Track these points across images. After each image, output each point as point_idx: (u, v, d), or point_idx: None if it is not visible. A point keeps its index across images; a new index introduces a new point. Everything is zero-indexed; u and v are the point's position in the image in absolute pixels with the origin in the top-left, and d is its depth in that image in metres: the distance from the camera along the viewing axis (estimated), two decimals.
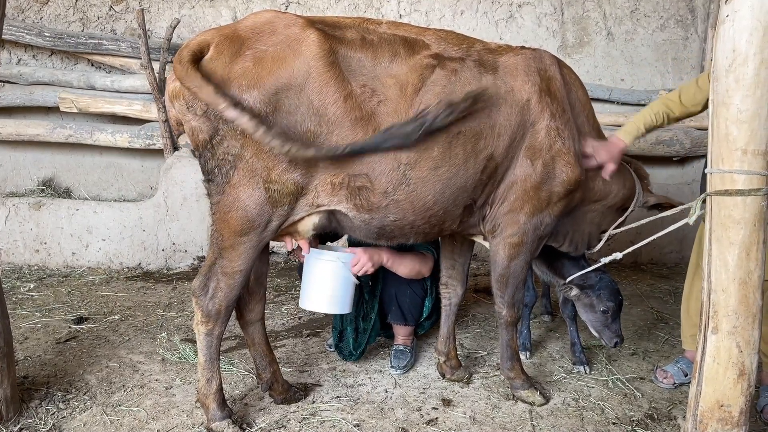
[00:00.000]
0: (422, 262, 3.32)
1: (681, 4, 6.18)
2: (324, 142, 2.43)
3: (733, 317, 2.20)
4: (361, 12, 6.10)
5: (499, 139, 2.71)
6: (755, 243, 2.16)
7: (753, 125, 2.10)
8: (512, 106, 2.72)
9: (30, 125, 5.73)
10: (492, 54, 2.80)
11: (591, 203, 3.19)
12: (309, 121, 2.40)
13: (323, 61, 2.39)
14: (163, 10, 6.04)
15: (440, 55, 2.64)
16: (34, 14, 5.95)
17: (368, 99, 2.47)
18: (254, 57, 2.36)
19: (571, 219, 3.17)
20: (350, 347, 3.44)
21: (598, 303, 3.17)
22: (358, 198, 2.56)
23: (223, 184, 2.47)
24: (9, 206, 5.33)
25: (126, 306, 4.43)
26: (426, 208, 2.66)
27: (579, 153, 2.93)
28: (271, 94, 2.34)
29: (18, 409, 2.83)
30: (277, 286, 4.97)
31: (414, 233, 2.78)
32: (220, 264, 2.58)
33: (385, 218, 2.64)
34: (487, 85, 2.67)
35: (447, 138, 2.57)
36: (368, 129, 2.45)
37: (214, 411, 2.70)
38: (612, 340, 3.20)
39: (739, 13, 2.07)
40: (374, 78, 2.50)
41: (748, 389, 2.23)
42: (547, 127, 2.79)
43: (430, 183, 2.60)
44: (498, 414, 2.99)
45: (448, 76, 2.60)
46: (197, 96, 2.32)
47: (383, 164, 2.52)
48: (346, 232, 2.79)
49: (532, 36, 6.15)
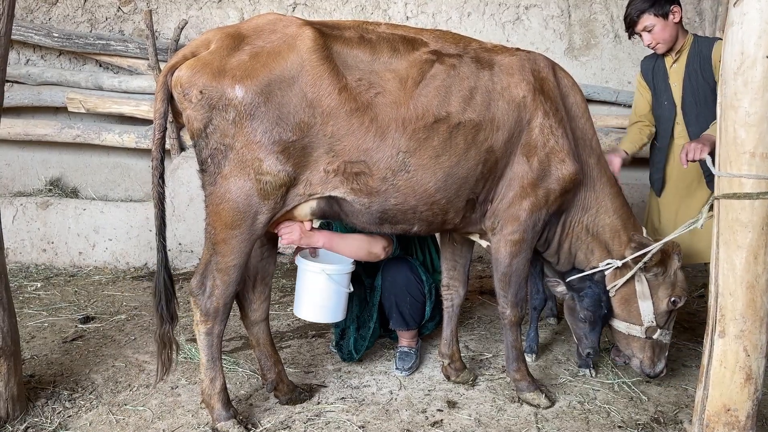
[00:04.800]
0: (371, 242, 3.14)
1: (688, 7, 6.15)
2: (318, 133, 2.52)
3: (741, 321, 2.19)
4: (368, 13, 6.11)
5: (498, 133, 2.78)
6: (763, 246, 2.14)
7: (761, 128, 2.09)
8: (509, 103, 2.80)
9: (38, 125, 5.76)
10: (488, 52, 2.90)
11: (581, 211, 3.15)
12: (302, 112, 2.50)
13: (317, 55, 2.49)
14: (171, 11, 6.06)
15: (439, 51, 2.75)
16: (42, 15, 5.98)
17: (364, 91, 2.56)
18: (251, 52, 2.49)
19: (561, 228, 3.16)
20: (350, 347, 3.43)
21: (579, 309, 3.14)
22: (356, 182, 2.63)
23: (216, 174, 2.53)
24: (17, 206, 5.35)
25: (132, 306, 4.44)
26: (428, 195, 2.72)
27: (573, 151, 2.95)
28: (263, 85, 2.44)
29: (24, 408, 2.84)
30: (283, 287, 4.98)
31: (417, 220, 2.81)
32: (214, 261, 2.61)
33: (386, 202, 2.70)
34: (484, 80, 2.77)
35: (447, 128, 2.67)
36: (364, 119, 2.54)
37: (219, 411, 2.71)
38: (585, 349, 3.18)
39: (747, 15, 2.07)
40: (372, 72, 2.60)
41: (755, 393, 2.21)
42: (540, 125, 2.85)
43: (431, 170, 2.68)
44: (503, 416, 2.98)
45: (447, 70, 2.71)
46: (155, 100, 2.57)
47: (381, 152, 2.60)
48: (348, 217, 2.80)
49: (539, 38, 6.14)
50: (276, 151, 2.49)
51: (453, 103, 2.69)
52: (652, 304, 3.08)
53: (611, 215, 3.15)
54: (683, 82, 3.53)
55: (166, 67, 2.57)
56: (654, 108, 3.74)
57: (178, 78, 2.48)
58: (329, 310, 3.10)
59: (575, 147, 3.00)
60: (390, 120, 2.59)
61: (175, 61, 2.55)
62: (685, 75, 3.51)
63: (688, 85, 3.51)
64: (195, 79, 2.45)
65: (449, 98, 2.68)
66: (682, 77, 3.53)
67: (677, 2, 3.44)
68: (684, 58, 3.52)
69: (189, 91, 2.46)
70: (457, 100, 2.70)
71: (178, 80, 2.48)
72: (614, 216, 3.15)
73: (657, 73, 3.64)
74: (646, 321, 3.08)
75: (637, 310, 3.11)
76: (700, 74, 3.46)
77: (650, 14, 3.42)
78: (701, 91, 3.47)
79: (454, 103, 2.69)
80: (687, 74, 3.51)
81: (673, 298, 3.08)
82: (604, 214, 3.15)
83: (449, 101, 2.68)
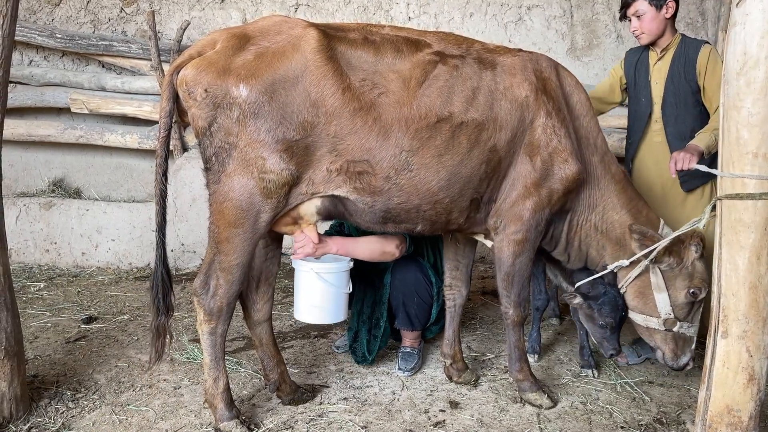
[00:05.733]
0: (384, 242, 3.17)
1: (691, 7, 6.15)
2: (321, 132, 2.54)
3: (743, 321, 2.19)
4: (370, 14, 6.11)
5: (501, 133, 2.80)
6: (766, 247, 2.14)
7: (764, 128, 2.09)
8: (512, 102, 2.82)
9: (41, 126, 5.77)
10: (491, 53, 2.92)
11: (583, 212, 3.15)
12: (306, 112, 2.52)
13: (321, 55, 2.51)
14: (174, 12, 6.07)
15: (442, 52, 2.77)
16: (45, 16, 6.00)
17: (368, 91, 2.59)
18: (256, 52, 2.52)
19: (567, 226, 3.16)
20: (364, 349, 3.43)
21: (598, 316, 3.12)
22: (359, 182, 2.64)
23: (219, 172, 2.55)
24: (20, 206, 5.36)
25: (135, 306, 4.45)
26: (431, 194, 2.74)
27: (576, 151, 2.96)
28: (267, 84, 2.47)
29: (28, 408, 2.85)
30: (286, 287, 4.98)
31: (421, 219, 2.82)
32: (218, 260, 2.62)
33: (389, 201, 2.71)
34: (487, 80, 2.80)
35: (450, 128, 2.68)
36: (367, 119, 2.57)
37: (222, 411, 2.71)
38: (608, 352, 3.17)
39: (750, 16, 2.07)
40: (375, 73, 2.62)
41: (758, 394, 2.21)
42: (543, 124, 2.87)
43: (434, 169, 2.70)
44: (506, 417, 2.98)
45: (450, 71, 2.73)
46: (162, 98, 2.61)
47: (384, 150, 2.61)
48: (352, 217, 2.81)
49: (541, 39, 6.14)
50: (279, 150, 2.50)
51: (456, 102, 2.70)
52: (668, 295, 3.04)
53: (619, 211, 3.13)
54: (666, 81, 3.53)
55: (172, 66, 2.60)
56: (630, 103, 3.76)
57: (184, 76, 2.51)
58: (325, 310, 3.09)
59: (578, 146, 3.00)
60: (393, 119, 2.60)
61: (182, 60, 2.57)
62: (668, 75, 3.52)
63: (670, 86, 3.51)
64: (200, 77, 2.46)
65: (452, 98, 2.70)
66: (665, 77, 3.53)
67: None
68: (669, 57, 3.52)
69: (194, 90, 2.48)
70: (460, 100, 2.71)
71: (184, 79, 2.50)
72: (622, 212, 3.13)
73: (639, 69, 3.65)
74: (663, 313, 3.04)
75: (653, 302, 3.06)
76: (683, 75, 3.46)
77: (645, 0, 3.43)
78: (682, 93, 3.48)
79: (456, 103, 2.70)
80: (670, 74, 3.51)
81: (692, 290, 3.02)
82: (611, 211, 3.13)
83: (452, 101, 2.69)
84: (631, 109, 3.74)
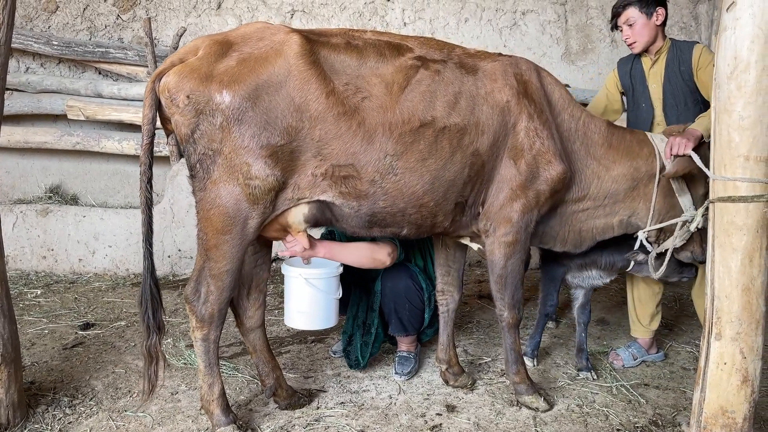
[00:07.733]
0: (375, 249, 3.14)
1: (684, 12, 6.20)
2: (306, 137, 2.55)
3: (737, 323, 2.20)
4: (365, 20, 6.14)
5: (483, 137, 2.83)
6: (758, 249, 2.17)
7: (755, 132, 2.11)
8: (493, 107, 2.85)
9: (38, 133, 5.78)
10: (472, 58, 2.95)
11: (574, 202, 3.17)
12: (290, 116, 2.52)
13: (304, 60, 2.52)
14: (170, 19, 6.09)
15: (424, 57, 2.80)
16: (42, 23, 6.01)
17: (351, 95, 2.60)
18: (239, 58, 2.52)
19: (558, 220, 3.18)
20: (358, 353, 3.44)
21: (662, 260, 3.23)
22: (344, 186, 2.65)
23: (205, 179, 2.55)
24: (16, 213, 5.37)
25: (132, 312, 4.45)
26: (416, 197, 2.76)
27: (560, 151, 2.98)
28: (251, 90, 2.47)
29: (25, 415, 2.85)
30: (281, 293, 4.98)
31: (407, 222, 2.84)
32: (207, 267, 2.63)
33: (375, 205, 2.73)
34: (468, 84, 2.83)
35: (433, 132, 2.71)
36: (352, 123, 2.58)
37: (219, 416, 2.72)
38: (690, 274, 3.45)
39: (740, 20, 2.09)
40: (359, 77, 2.64)
41: (752, 395, 2.23)
42: (526, 128, 2.90)
43: (418, 173, 2.72)
44: (502, 420, 2.99)
45: (432, 75, 2.75)
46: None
47: (369, 154, 2.63)
48: (338, 222, 2.82)
49: (536, 43, 6.18)
50: (264, 156, 2.50)
51: (438, 107, 2.72)
52: (690, 196, 3.16)
53: (613, 174, 3.16)
54: (663, 84, 3.56)
55: (154, 73, 2.58)
56: (629, 111, 3.78)
57: (166, 83, 2.50)
58: (314, 316, 3.06)
59: (562, 143, 3.02)
60: (377, 124, 2.62)
61: (164, 68, 2.56)
62: (664, 77, 3.55)
63: (668, 87, 3.55)
64: (182, 84, 2.46)
65: (434, 103, 2.72)
66: (662, 79, 3.56)
67: (664, 5, 3.49)
68: (663, 60, 3.56)
69: (176, 97, 2.47)
70: (442, 104, 2.73)
71: (166, 86, 2.50)
72: (617, 169, 3.16)
73: (635, 76, 3.67)
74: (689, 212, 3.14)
75: (679, 205, 3.18)
76: (680, 76, 3.50)
77: (635, 8, 3.48)
78: (681, 93, 3.52)
79: (439, 108, 2.72)
80: (667, 76, 3.54)
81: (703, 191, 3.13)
82: (607, 182, 3.17)
83: (434, 106, 2.72)
84: (631, 116, 3.76)
